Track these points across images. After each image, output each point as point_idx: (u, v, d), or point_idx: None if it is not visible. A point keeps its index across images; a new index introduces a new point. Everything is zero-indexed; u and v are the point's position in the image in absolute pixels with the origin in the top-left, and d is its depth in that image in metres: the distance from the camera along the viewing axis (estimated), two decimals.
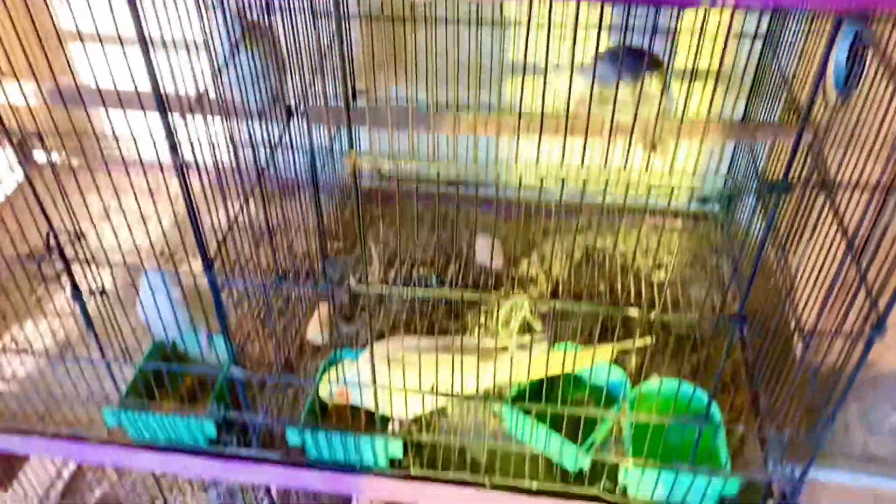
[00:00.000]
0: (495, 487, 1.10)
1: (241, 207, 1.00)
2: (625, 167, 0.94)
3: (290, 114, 1.15)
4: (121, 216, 1.54)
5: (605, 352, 1.10)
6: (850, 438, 1.25)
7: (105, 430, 1.19)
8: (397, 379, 1.04)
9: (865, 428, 1.24)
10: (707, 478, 1.01)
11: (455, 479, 1.11)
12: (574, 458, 1.07)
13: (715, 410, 1.09)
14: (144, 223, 1.03)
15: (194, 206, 0.88)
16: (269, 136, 1.09)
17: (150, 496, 1.94)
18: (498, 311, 1.26)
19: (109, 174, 0.96)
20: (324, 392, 1.12)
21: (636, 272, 1.47)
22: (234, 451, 1.15)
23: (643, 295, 1.41)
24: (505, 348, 1.07)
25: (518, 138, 1.06)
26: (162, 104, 0.78)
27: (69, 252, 0.95)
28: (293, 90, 1.16)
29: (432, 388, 1.02)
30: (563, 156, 0.79)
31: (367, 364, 1.05)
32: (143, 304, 1.12)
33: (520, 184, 0.79)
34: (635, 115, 0.97)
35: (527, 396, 1.13)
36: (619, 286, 1.43)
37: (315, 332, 1.31)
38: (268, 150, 1.07)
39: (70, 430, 1.20)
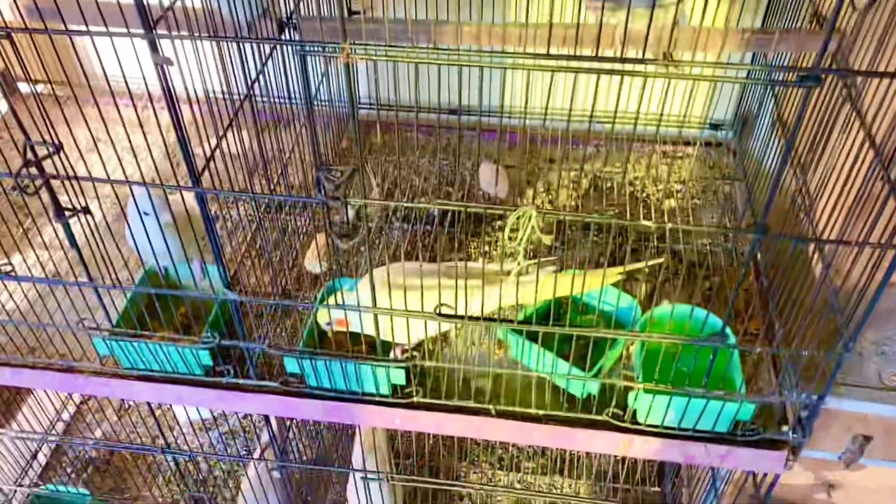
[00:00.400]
0: (500, 415, 1.07)
1: (231, 122, 0.94)
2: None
3: (281, 27, 1.08)
4: (109, 147, 1.49)
5: (616, 273, 1.05)
6: (864, 368, 1.22)
7: (98, 361, 1.15)
8: (399, 303, 1.00)
9: (879, 358, 1.20)
10: (721, 402, 0.97)
11: (459, 407, 1.08)
12: (582, 383, 1.04)
13: (729, 333, 1.04)
14: (133, 151, 0.97)
15: (180, 116, 0.82)
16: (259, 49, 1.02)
17: (150, 436, 1.92)
18: (498, 222, 1.21)
19: (97, 104, 0.91)
20: (322, 319, 1.08)
21: (646, 200, 1.42)
22: (231, 381, 1.12)
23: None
24: (509, 273, 1.02)
25: (524, 47, 0.99)
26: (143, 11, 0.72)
27: (50, 169, 0.90)
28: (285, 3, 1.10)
29: (435, 311, 0.97)
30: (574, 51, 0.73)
31: (367, 288, 1.01)
32: (132, 228, 1.06)
33: (527, 87, 0.73)
34: (650, 21, 0.91)
35: (533, 321, 1.09)
36: (628, 214, 1.38)
37: (313, 261, 1.27)
38: (258, 64, 1.01)
39: (62, 362, 1.16)
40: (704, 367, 0.98)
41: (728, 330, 1.04)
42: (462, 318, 0.96)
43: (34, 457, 1.89)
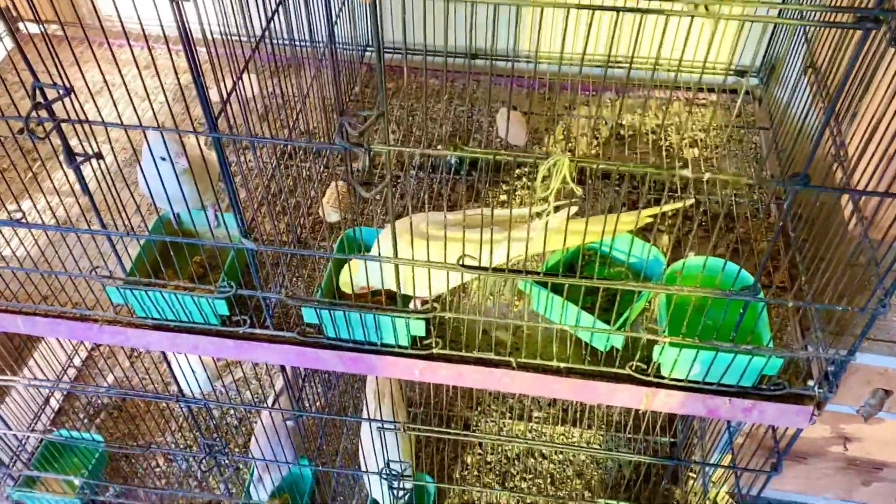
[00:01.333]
0: (521, 367, 1.05)
1: (246, 63, 0.90)
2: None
3: None
4: (118, 89, 1.45)
5: (647, 215, 1.02)
6: (886, 322, 1.20)
7: (111, 309, 1.13)
8: (421, 255, 0.97)
9: None
10: (748, 356, 0.95)
11: (480, 359, 1.06)
12: (606, 336, 1.02)
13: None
14: (147, 94, 0.94)
15: (196, 58, 0.78)
16: None
17: (163, 382, 1.92)
18: (518, 170, 1.18)
19: (109, 45, 0.87)
20: (346, 289, 1.06)
21: (668, 149, 1.38)
22: (247, 331, 1.10)
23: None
24: (539, 214, 0.99)
25: None
26: None
27: (60, 113, 0.86)
28: None
29: (458, 262, 0.95)
30: None
31: (388, 240, 0.98)
32: (146, 174, 1.03)
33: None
34: None
35: (560, 272, 1.07)
36: (650, 163, 1.34)
37: (329, 209, 1.24)
38: (273, 4, 0.97)
39: (76, 310, 1.14)
40: (733, 322, 0.96)
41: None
42: (486, 269, 0.94)
43: (46, 402, 1.89)
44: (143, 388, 1.91)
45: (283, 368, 1.27)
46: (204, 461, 1.68)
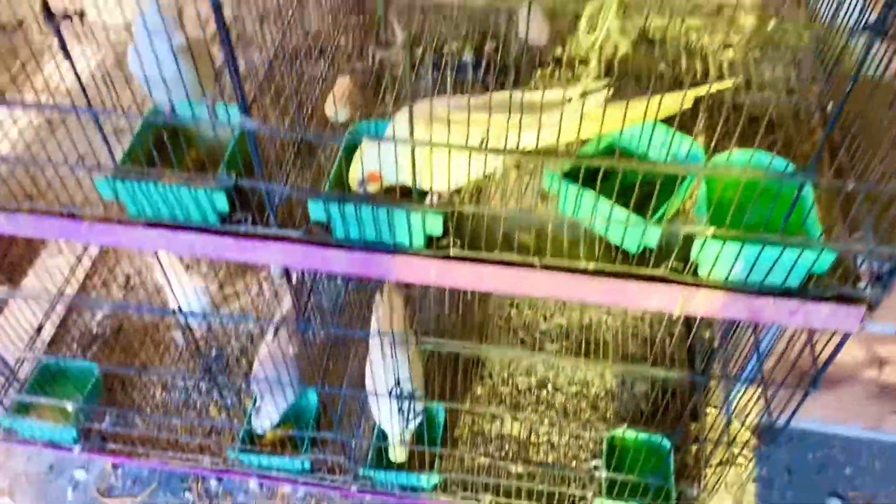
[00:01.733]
0: (546, 268, 0.97)
1: None
2: None
3: None
4: None
5: (693, 96, 0.93)
6: None
7: (101, 206, 1.05)
8: (441, 139, 0.89)
9: None
10: (797, 251, 0.87)
11: (501, 260, 0.98)
12: (641, 232, 0.93)
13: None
14: None
15: None
16: None
17: (160, 305, 1.85)
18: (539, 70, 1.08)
19: None
20: (354, 177, 0.98)
21: (701, 52, 1.28)
22: (249, 230, 1.02)
23: (710, 75, 1.23)
24: (570, 99, 0.90)
25: None
26: None
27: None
28: None
29: (482, 146, 0.86)
30: None
31: (404, 122, 0.89)
32: (140, 52, 0.94)
33: None
34: None
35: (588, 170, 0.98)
36: (683, 66, 1.25)
37: (338, 105, 1.15)
38: None
39: (63, 208, 1.06)
40: (779, 219, 0.88)
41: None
42: (513, 151, 0.86)
43: (38, 331, 1.82)
44: (139, 317, 1.84)
45: (287, 277, 1.19)
46: (203, 384, 1.61)
